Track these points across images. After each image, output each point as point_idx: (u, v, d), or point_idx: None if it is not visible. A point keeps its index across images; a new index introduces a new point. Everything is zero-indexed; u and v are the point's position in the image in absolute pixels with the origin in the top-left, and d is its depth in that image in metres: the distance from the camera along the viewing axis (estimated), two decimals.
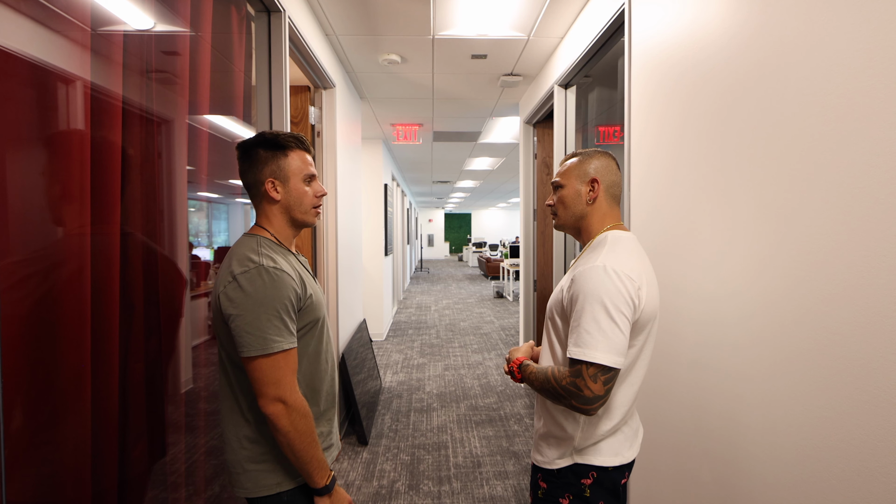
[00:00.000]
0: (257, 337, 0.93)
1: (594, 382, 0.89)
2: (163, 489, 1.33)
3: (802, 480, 0.98)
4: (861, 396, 0.85)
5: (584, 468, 1.01)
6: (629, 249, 1.00)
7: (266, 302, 0.94)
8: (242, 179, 1.07)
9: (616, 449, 1.02)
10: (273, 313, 0.95)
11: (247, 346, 0.93)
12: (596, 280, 0.92)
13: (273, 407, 0.95)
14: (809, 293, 0.96)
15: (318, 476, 1.00)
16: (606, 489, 1.01)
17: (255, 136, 1.06)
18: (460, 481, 2.47)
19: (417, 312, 7.64)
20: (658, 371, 1.56)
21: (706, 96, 1.31)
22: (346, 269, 3.21)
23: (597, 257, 0.97)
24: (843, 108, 0.88)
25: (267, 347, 0.94)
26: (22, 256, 0.87)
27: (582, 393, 0.90)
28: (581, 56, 2.32)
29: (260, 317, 0.94)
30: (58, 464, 0.93)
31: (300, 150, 1.07)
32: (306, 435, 0.98)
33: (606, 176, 1.07)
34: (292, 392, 0.97)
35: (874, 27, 0.82)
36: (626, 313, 0.91)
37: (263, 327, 0.93)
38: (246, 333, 0.93)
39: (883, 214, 0.81)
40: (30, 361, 0.87)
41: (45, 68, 0.90)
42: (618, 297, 0.91)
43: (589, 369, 0.90)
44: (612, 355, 0.89)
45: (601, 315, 0.90)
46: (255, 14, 1.83)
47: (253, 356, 0.94)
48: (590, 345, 0.90)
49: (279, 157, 1.04)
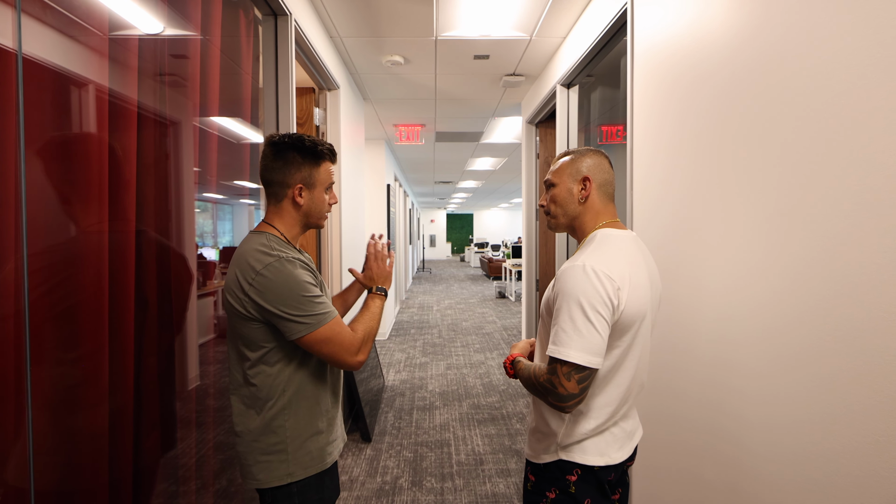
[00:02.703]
0: (306, 315, 0.99)
1: (568, 381, 0.90)
2: (173, 482, 1.36)
3: (809, 480, 0.97)
4: (869, 394, 0.84)
5: (568, 465, 1.01)
6: (617, 248, 0.99)
7: (297, 286, 0.99)
8: (265, 175, 1.07)
9: (602, 449, 1.01)
10: (306, 291, 1.00)
11: (299, 329, 0.99)
12: (574, 279, 0.93)
13: (355, 361, 1.06)
14: (813, 290, 0.96)
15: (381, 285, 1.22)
16: (592, 486, 1.01)
17: (293, 137, 1.06)
18: (463, 478, 2.50)
19: (420, 312, 7.66)
20: (660, 368, 1.57)
21: (707, 94, 1.32)
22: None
23: (580, 256, 0.97)
24: (843, 105, 0.89)
25: (320, 320, 1.01)
26: (47, 254, 0.90)
27: (556, 390, 0.91)
28: (583, 56, 2.34)
29: (299, 299, 0.99)
30: (77, 453, 0.96)
31: (330, 160, 1.11)
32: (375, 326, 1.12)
33: (598, 174, 1.06)
34: (353, 340, 1.05)
35: (875, 25, 0.83)
36: (603, 314, 0.91)
37: (306, 307, 0.99)
38: (294, 317, 0.98)
39: (888, 210, 0.80)
40: (54, 353, 0.90)
41: (66, 74, 0.93)
42: (595, 298, 0.91)
43: (563, 367, 0.91)
44: (586, 354, 0.90)
45: (577, 314, 0.90)
46: (262, 18, 1.86)
47: (309, 333, 1.00)
48: (564, 343, 0.91)
49: (312, 166, 1.07)
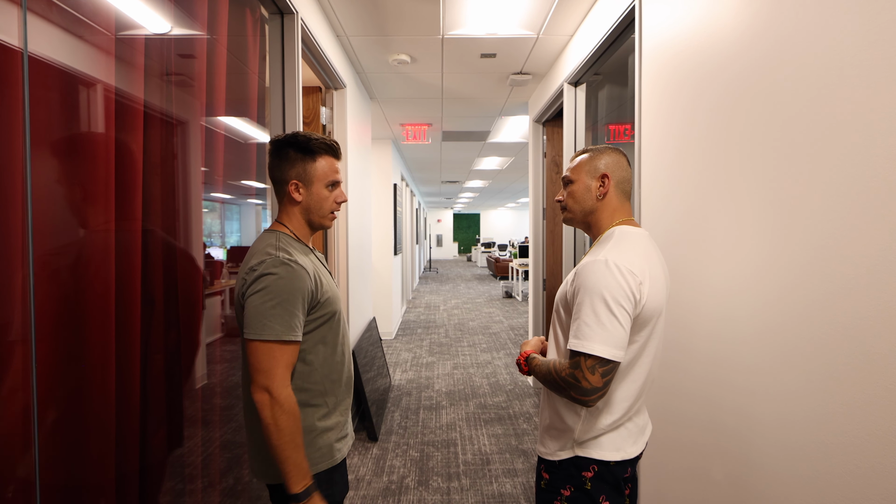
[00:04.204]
0: (258, 322, 0.95)
1: (592, 374, 0.91)
2: (180, 480, 1.37)
3: (815, 477, 0.97)
4: (872, 389, 0.84)
5: (584, 461, 1.02)
6: (635, 245, 1.01)
7: (277, 291, 0.97)
8: (270, 174, 1.10)
9: (618, 444, 1.01)
10: (279, 302, 0.96)
11: (248, 328, 0.96)
12: (597, 274, 0.94)
13: (259, 395, 0.94)
14: (819, 286, 0.96)
15: (293, 480, 0.94)
16: (608, 483, 1.01)
17: (289, 135, 1.08)
18: (469, 478, 2.49)
19: (426, 312, 7.66)
20: (669, 366, 1.56)
21: (715, 92, 1.31)
22: (357, 268, 3.25)
23: (601, 252, 0.99)
24: (852, 101, 0.88)
25: (264, 333, 0.95)
26: (54, 253, 0.91)
27: (580, 384, 0.92)
28: (591, 54, 2.33)
29: (266, 303, 0.96)
30: (84, 448, 0.96)
31: (330, 156, 1.10)
32: (287, 433, 0.93)
33: (617, 171, 1.08)
34: (282, 386, 0.95)
35: (883, 23, 0.82)
36: (626, 307, 0.92)
37: (267, 314, 0.95)
38: (250, 317, 0.96)
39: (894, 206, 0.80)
40: (61, 351, 0.91)
41: (73, 74, 0.93)
42: (618, 291, 0.92)
43: (587, 361, 0.91)
44: (611, 348, 0.91)
45: (601, 308, 0.92)
46: (268, 16, 1.86)
47: (250, 339, 0.95)
48: (588, 337, 0.91)
49: (307, 161, 1.07)
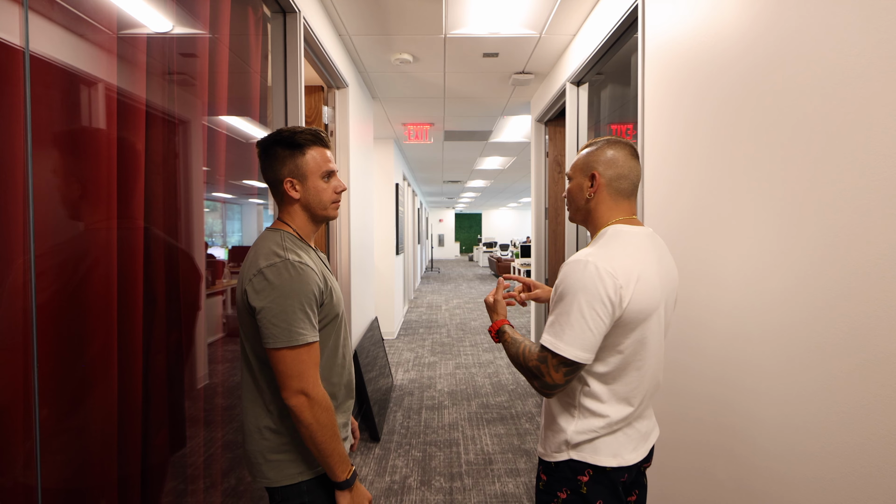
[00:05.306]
0: (283, 329, 0.95)
1: (556, 372, 0.93)
2: (181, 480, 1.36)
3: (822, 479, 0.97)
4: (882, 391, 0.84)
5: (580, 465, 1.00)
6: (625, 245, 0.97)
7: (292, 294, 0.96)
8: (263, 176, 1.08)
9: (615, 450, 0.99)
10: (298, 306, 0.96)
11: (273, 338, 0.95)
12: (575, 274, 0.93)
13: (296, 399, 0.96)
14: (825, 287, 0.95)
15: (339, 469, 1.01)
16: (605, 487, 0.99)
17: (273, 133, 1.06)
18: (472, 478, 2.48)
19: (428, 311, 7.66)
20: (672, 367, 1.55)
21: (719, 91, 1.30)
22: (359, 268, 3.24)
23: (586, 251, 0.97)
24: (858, 100, 0.87)
25: (293, 339, 0.95)
26: (55, 253, 0.90)
27: (544, 378, 0.95)
28: (593, 53, 2.32)
29: (286, 309, 0.95)
30: (85, 450, 0.96)
31: (318, 146, 1.06)
32: (328, 428, 0.98)
33: (610, 169, 1.02)
34: (315, 385, 0.98)
35: (889, 21, 0.81)
36: (598, 311, 0.90)
37: (290, 319, 0.95)
38: (273, 325, 0.95)
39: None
40: (62, 351, 0.90)
41: (74, 72, 0.93)
42: (593, 294, 0.90)
43: (553, 359, 0.93)
44: (576, 350, 0.91)
45: (574, 309, 0.91)
46: (270, 15, 1.86)
47: (278, 348, 0.95)
48: (557, 335, 0.93)
49: (297, 156, 1.04)
